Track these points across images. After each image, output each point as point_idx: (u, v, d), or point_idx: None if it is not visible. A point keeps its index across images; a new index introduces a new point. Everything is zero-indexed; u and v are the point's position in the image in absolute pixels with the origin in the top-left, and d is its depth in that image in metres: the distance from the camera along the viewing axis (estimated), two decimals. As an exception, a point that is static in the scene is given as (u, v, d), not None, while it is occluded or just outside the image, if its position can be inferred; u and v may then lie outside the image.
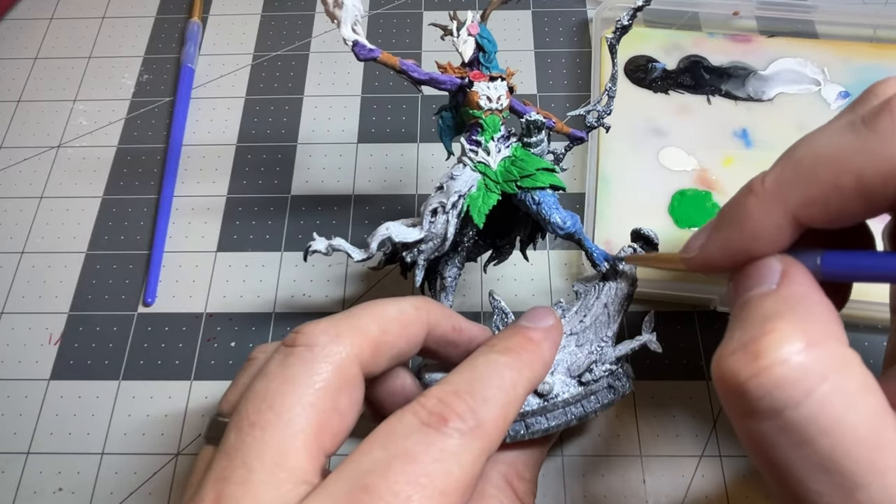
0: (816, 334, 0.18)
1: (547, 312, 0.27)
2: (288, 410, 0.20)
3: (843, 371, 0.18)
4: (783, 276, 0.20)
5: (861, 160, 0.19)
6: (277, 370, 0.22)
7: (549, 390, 0.27)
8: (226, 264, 0.41)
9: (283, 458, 0.20)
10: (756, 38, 0.47)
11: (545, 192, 0.30)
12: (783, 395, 0.17)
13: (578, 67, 0.48)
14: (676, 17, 0.48)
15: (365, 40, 0.28)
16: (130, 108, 0.48)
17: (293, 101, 0.47)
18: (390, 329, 0.24)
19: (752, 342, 0.18)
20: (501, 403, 0.22)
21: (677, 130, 0.43)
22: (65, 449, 0.36)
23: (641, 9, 0.30)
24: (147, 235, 0.42)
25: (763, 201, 0.21)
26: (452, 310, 0.28)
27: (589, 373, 0.28)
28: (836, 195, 0.19)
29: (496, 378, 0.23)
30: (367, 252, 0.29)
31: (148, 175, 0.45)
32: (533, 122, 0.30)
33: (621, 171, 0.41)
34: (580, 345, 0.29)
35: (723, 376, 0.19)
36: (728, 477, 0.33)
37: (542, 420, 0.27)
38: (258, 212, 0.43)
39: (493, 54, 0.31)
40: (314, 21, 0.52)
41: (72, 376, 0.38)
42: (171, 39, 0.51)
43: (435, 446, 0.20)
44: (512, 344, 0.25)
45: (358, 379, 0.23)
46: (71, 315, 0.40)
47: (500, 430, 0.22)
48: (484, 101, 0.30)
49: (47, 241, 0.42)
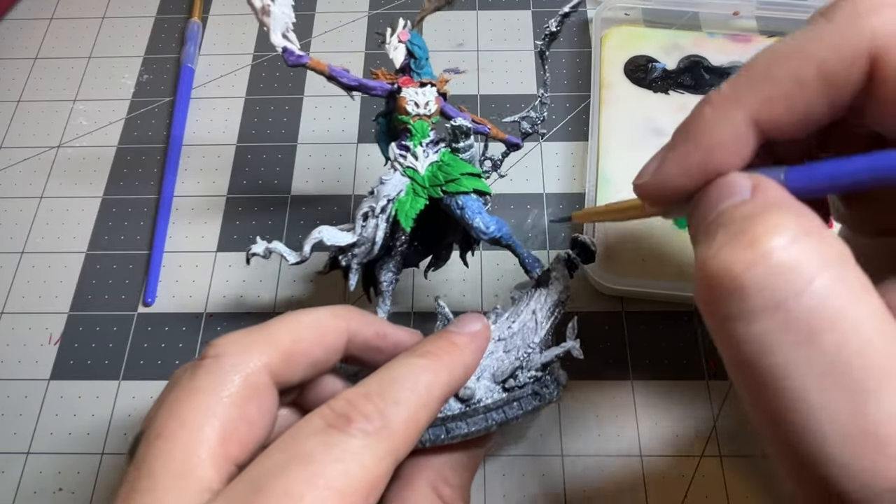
0: (811, 226, 0.17)
1: (475, 318, 0.27)
2: (192, 421, 0.21)
3: (844, 263, 0.16)
4: (755, 189, 0.18)
5: (821, 48, 0.18)
6: (186, 382, 0.22)
7: (470, 395, 0.27)
8: (226, 264, 0.41)
9: (187, 468, 0.20)
10: (756, 38, 0.47)
11: (469, 196, 0.30)
12: (785, 283, 0.16)
13: (578, 67, 0.48)
14: (676, 17, 0.48)
15: (294, 47, 0.29)
16: (130, 108, 0.48)
17: (293, 101, 0.47)
18: (304, 338, 0.24)
19: (742, 234, 0.17)
20: (413, 406, 0.22)
21: (677, 130, 0.43)
22: (65, 449, 0.36)
23: (569, 15, 0.30)
24: (147, 235, 0.42)
25: (720, 108, 0.19)
26: (379, 316, 0.28)
27: (513, 379, 0.28)
28: (797, 89, 0.18)
29: (410, 381, 0.23)
30: (301, 255, 0.29)
31: (148, 175, 0.45)
32: (458, 127, 0.30)
33: (621, 172, 0.41)
34: (507, 350, 0.29)
35: (714, 274, 0.17)
36: (728, 477, 0.33)
37: (462, 425, 0.26)
38: (258, 212, 0.43)
39: (424, 60, 0.31)
40: (314, 21, 0.52)
41: (72, 376, 0.38)
42: (171, 39, 0.51)
43: (336, 447, 0.20)
44: (433, 347, 0.25)
45: (268, 388, 0.23)
46: (71, 315, 0.40)
47: (410, 432, 0.22)
48: (411, 106, 0.30)
49: (47, 241, 0.42)
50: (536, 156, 0.44)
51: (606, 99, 0.44)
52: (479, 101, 0.47)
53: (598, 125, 0.43)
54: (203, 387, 0.22)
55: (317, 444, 0.20)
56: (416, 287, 0.39)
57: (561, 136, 0.45)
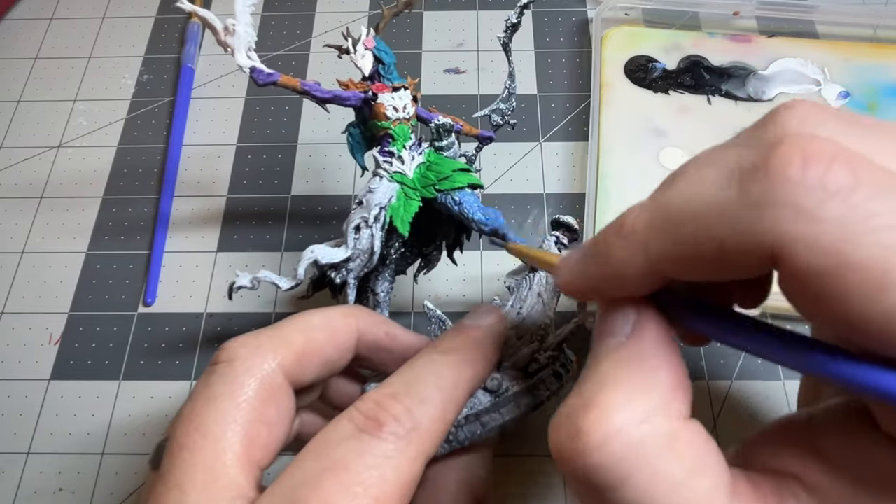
0: (647, 408, 0.17)
1: (489, 310, 0.27)
2: (213, 429, 0.21)
3: (670, 452, 0.17)
4: (635, 329, 0.19)
5: (725, 227, 0.16)
6: (202, 390, 0.22)
7: (497, 386, 0.27)
8: (226, 264, 0.41)
9: (214, 477, 0.20)
10: (756, 39, 0.47)
11: (464, 191, 0.30)
12: (604, 479, 0.17)
13: (578, 67, 0.48)
14: (676, 17, 0.48)
15: (261, 65, 0.29)
16: (130, 108, 0.48)
17: (293, 101, 0.47)
18: (315, 337, 0.24)
19: (576, 414, 0.18)
20: (441, 403, 0.22)
21: (677, 131, 0.43)
22: (65, 449, 0.36)
23: (528, 6, 0.31)
24: (147, 235, 0.42)
25: (628, 246, 0.19)
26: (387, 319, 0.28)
27: (535, 363, 0.28)
28: (696, 258, 0.17)
29: (435, 378, 0.23)
30: (296, 279, 0.28)
31: (148, 175, 0.45)
32: (441, 125, 0.30)
33: (621, 172, 0.41)
34: (520, 337, 0.29)
35: (553, 447, 0.18)
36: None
37: (497, 416, 0.27)
38: (258, 212, 0.43)
39: (392, 66, 0.32)
40: (314, 21, 0.52)
41: (72, 376, 0.38)
42: (171, 39, 0.51)
43: (369, 453, 0.20)
44: (454, 344, 0.25)
45: (284, 389, 0.23)
46: (71, 315, 0.40)
47: (439, 431, 0.22)
48: (391, 111, 0.31)
49: (47, 241, 0.42)
50: (537, 156, 0.44)
51: (607, 99, 0.44)
52: (479, 101, 0.47)
53: (598, 125, 0.43)
54: (219, 393, 0.21)
55: (349, 450, 0.20)
56: (415, 290, 0.39)
57: (561, 136, 0.45)
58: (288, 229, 0.42)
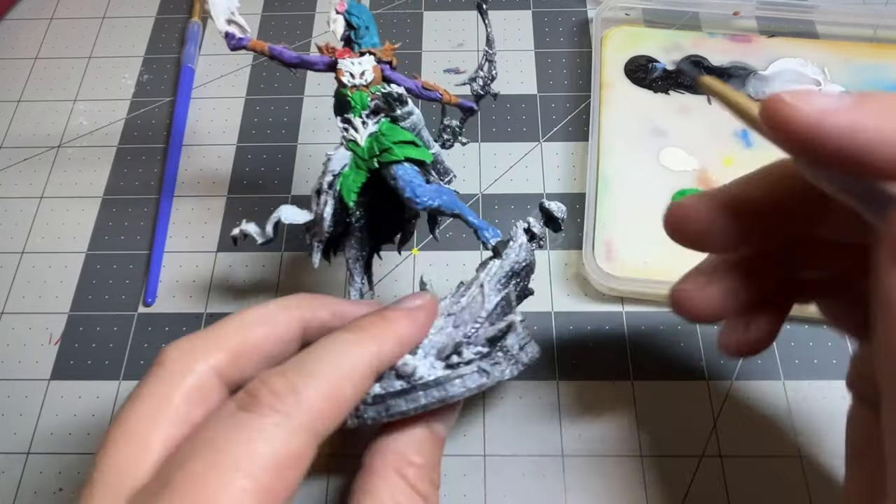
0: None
1: (417, 295, 0.27)
2: (136, 429, 0.21)
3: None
4: None
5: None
6: (135, 391, 0.22)
7: (410, 372, 0.26)
8: (226, 264, 0.41)
9: (126, 475, 0.20)
10: (756, 39, 0.47)
11: (401, 165, 0.29)
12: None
13: (578, 67, 0.48)
14: (676, 17, 0.48)
15: (236, 30, 0.30)
16: (131, 108, 0.48)
17: (293, 101, 0.47)
18: (253, 334, 0.24)
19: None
20: (333, 378, 0.22)
21: (678, 130, 0.43)
22: (65, 449, 0.36)
23: None
24: (147, 235, 0.42)
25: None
26: (352, 295, 0.28)
27: (457, 355, 0.26)
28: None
29: (331, 354, 0.23)
30: (265, 236, 0.30)
31: (148, 175, 0.45)
32: (388, 94, 0.29)
33: (622, 172, 0.41)
34: (457, 326, 0.27)
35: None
36: (728, 477, 0.33)
37: (401, 402, 0.25)
38: (258, 212, 0.43)
39: (364, 29, 0.31)
40: (314, 21, 0.52)
41: (72, 376, 0.38)
42: (171, 39, 0.51)
43: (243, 429, 0.20)
44: (363, 322, 0.25)
45: (216, 390, 0.23)
46: (71, 315, 0.40)
47: (331, 406, 0.22)
48: (347, 77, 0.30)
49: (47, 241, 0.42)
50: (536, 156, 0.44)
51: (607, 99, 0.44)
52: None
53: (598, 125, 0.43)
54: (146, 394, 0.22)
55: (223, 428, 0.20)
56: (415, 276, 0.39)
57: (561, 136, 0.45)
58: (289, 229, 0.42)
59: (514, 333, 0.28)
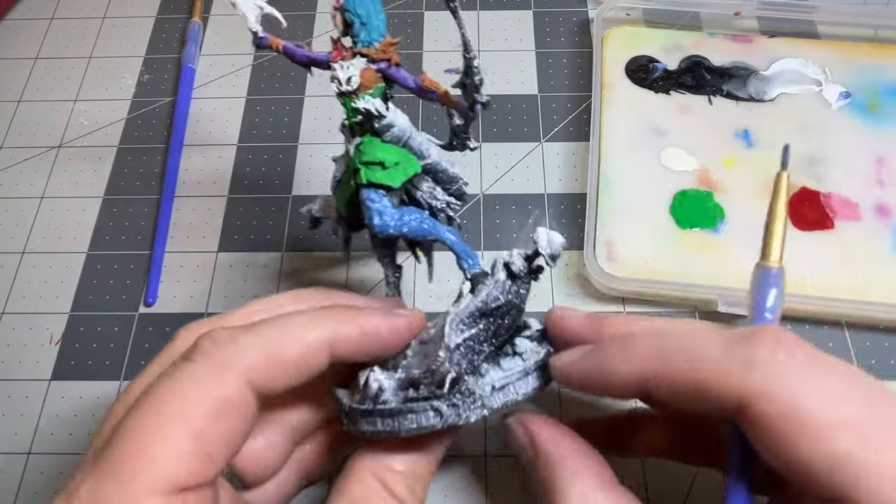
0: None
1: (394, 302, 0.28)
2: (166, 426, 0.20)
3: None
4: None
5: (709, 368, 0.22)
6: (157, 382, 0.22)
7: (376, 389, 0.24)
8: (227, 264, 0.41)
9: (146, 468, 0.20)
10: (757, 39, 0.47)
11: (367, 190, 0.27)
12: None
13: (579, 68, 0.48)
14: (677, 18, 0.48)
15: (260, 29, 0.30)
16: (131, 108, 0.48)
17: (294, 101, 0.47)
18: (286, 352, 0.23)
19: None
20: (274, 335, 0.23)
21: (678, 131, 0.43)
22: (66, 449, 0.36)
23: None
24: (148, 235, 0.42)
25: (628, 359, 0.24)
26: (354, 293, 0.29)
27: (414, 389, 0.25)
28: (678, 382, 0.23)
29: (283, 318, 0.24)
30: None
31: (149, 175, 0.45)
32: (359, 110, 0.26)
33: (622, 172, 0.41)
34: (426, 355, 0.25)
35: None
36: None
37: (364, 423, 0.25)
38: (259, 212, 0.43)
39: (360, 26, 0.28)
40: (314, 21, 0.51)
41: (73, 377, 0.38)
42: (171, 39, 0.51)
43: (177, 375, 0.21)
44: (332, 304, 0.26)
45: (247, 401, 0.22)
46: (72, 315, 0.40)
47: (266, 361, 0.22)
48: (335, 84, 0.27)
49: (48, 241, 0.42)
50: (538, 156, 0.44)
51: (607, 99, 0.44)
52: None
53: (599, 125, 0.43)
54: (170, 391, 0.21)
55: (168, 376, 0.21)
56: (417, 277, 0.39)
57: (562, 136, 0.45)
58: (289, 229, 0.42)
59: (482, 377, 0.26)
